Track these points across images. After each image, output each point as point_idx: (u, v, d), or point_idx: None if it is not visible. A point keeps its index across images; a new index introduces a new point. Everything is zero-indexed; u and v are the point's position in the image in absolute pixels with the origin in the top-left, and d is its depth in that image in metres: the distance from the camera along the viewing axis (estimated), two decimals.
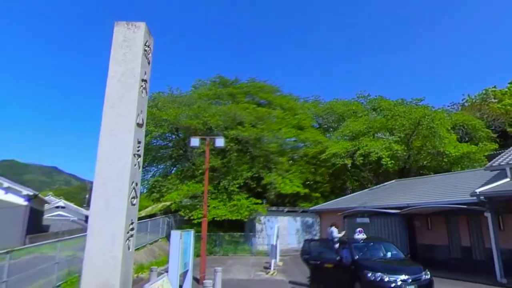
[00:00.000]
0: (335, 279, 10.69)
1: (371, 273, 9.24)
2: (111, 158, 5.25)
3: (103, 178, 5.17)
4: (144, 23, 5.96)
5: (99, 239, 4.94)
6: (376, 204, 18.26)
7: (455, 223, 15.55)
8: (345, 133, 28.29)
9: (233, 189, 24.33)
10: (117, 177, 5.18)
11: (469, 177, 17.83)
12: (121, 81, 5.59)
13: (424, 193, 17.60)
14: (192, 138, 14.15)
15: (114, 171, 5.20)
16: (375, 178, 29.54)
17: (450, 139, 25.06)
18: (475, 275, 12.78)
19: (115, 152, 5.28)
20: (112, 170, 5.21)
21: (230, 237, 24.67)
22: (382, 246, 11.32)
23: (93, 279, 4.79)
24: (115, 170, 5.21)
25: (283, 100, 34.28)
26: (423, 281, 9.03)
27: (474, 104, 50.99)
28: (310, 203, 28.26)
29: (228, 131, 25.35)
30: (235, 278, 13.51)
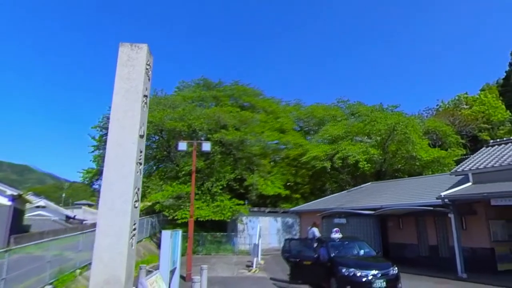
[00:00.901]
0: (313, 275, 11.62)
1: (345, 269, 10.20)
2: (117, 165, 5.90)
3: (109, 183, 5.82)
4: (146, 44, 6.63)
5: (106, 237, 5.58)
6: (352, 206, 19.34)
7: (423, 224, 16.81)
8: (325, 137, 29.48)
9: (216, 190, 25.00)
10: (122, 183, 5.84)
11: (438, 180, 19.13)
12: (126, 97, 6.25)
13: (397, 195, 18.82)
14: (180, 142, 14.80)
15: (120, 177, 5.86)
16: (353, 180, 30.82)
17: (422, 144, 26.64)
18: (440, 271, 13.97)
19: (120, 161, 5.93)
20: (117, 176, 5.86)
21: (213, 237, 25.30)
22: (356, 244, 12.33)
23: (102, 272, 5.44)
24: (120, 176, 5.86)
25: (266, 104, 35.19)
26: (391, 275, 10.06)
27: (447, 110, 53.51)
28: (291, 204, 29.27)
29: (212, 134, 26.00)
30: (219, 276, 14.24)
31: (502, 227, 14.75)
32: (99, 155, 28.99)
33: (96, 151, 28.95)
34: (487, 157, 15.92)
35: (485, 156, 16.24)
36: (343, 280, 10.10)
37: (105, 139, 28.62)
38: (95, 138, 28.78)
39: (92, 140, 28.91)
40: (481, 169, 14.76)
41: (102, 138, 28.14)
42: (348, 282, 9.99)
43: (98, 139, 28.50)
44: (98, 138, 28.52)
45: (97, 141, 28.71)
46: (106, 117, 27.42)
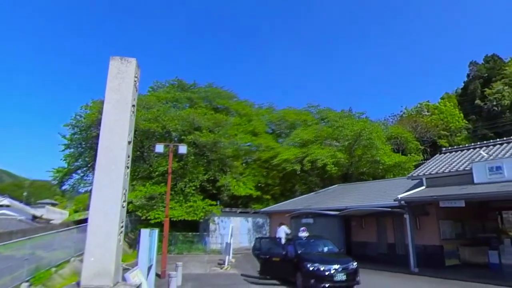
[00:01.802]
0: (281, 270, 12.60)
1: (310, 264, 11.21)
2: (107, 169, 6.55)
3: (100, 185, 6.46)
4: (135, 59, 7.29)
5: (97, 235, 6.22)
6: (319, 206, 20.54)
7: (383, 224, 18.26)
8: (296, 140, 30.73)
9: (190, 191, 25.48)
10: (112, 185, 6.49)
11: (397, 184, 20.69)
12: (116, 106, 6.89)
13: (360, 197, 20.21)
14: (157, 144, 15.32)
15: (110, 180, 6.50)
16: (321, 182, 32.24)
17: (385, 149, 28.49)
18: (396, 267, 15.36)
19: (110, 165, 6.58)
20: (108, 179, 6.51)
21: (184, 236, 25.76)
22: (321, 242, 13.41)
23: (93, 266, 6.08)
24: (110, 179, 6.51)
25: (239, 106, 35.98)
26: (351, 269, 11.18)
27: (410, 116, 56.67)
28: (262, 205, 30.24)
29: (186, 135, 26.44)
30: (193, 273, 14.90)
31: (450, 227, 16.43)
32: (70, 154, 28.63)
33: (67, 150, 28.53)
34: (440, 163, 17.58)
35: (438, 162, 17.91)
36: (308, 274, 11.10)
37: (76, 137, 28.36)
38: (65, 136, 28.38)
39: (62, 138, 28.47)
40: (434, 174, 16.34)
41: (73, 137, 27.81)
42: (313, 275, 11.00)
43: (69, 137, 28.12)
44: (69, 137, 28.13)
45: (68, 140, 28.30)
46: (78, 115, 27.19)
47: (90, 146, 28.74)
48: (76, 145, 28.84)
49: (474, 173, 14.25)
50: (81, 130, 27.22)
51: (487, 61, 61.97)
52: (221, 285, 12.56)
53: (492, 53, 61.54)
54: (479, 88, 57.42)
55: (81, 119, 26.71)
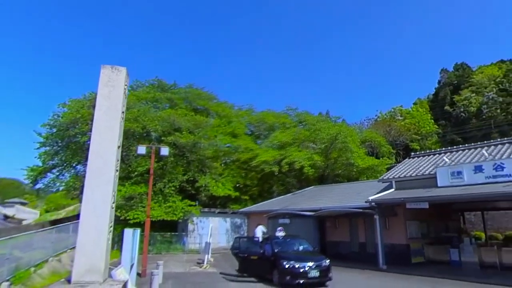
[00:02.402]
0: (259, 268, 13.25)
1: (286, 262, 11.90)
2: (98, 172, 6.95)
3: (92, 187, 6.86)
4: (125, 68, 7.71)
5: (88, 234, 6.63)
6: (296, 207, 21.33)
7: (355, 224, 19.23)
8: (274, 142, 31.52)
9: (169, 191, 25.72)
10: (103, 188, 6.91)
11: (369, 186, 21.75)
12: (107, 113, 7.30)
13: (335, 198, 21.15)
14: (139, 146, 15.61)
15: (100, 183, 6.91)
16: (298, 183, 33.16)
17: (359, 153, 29.74)
18: (366, 264, 16.30)
19: (101, 169, 6.99)
20: (98, 181, 6.92)
21: (162, 237, 25.97)
22: (296, 241, 14.16)
23: (84, 263, 6.48)
24: (101, 182, 6.92)
25: (219, 108, 36.42)
26: (323, 266, 11.96)
27: (384, 120, 58.77)
28: (240, 205, 30.81)
29: (166, 136, 26.65)
30: (172, 272, 15.29)
31: (416, 227, 17.58)
32: (45, 152, 28.21)
33: (42, 148, 28.09)
34: (408, 167, 18.74)
35: (406, 166, 19.07)
36: (284, 271, 11.79)
37: (52, 136, 27.96)
38: (41, 134, 27.91)
39: (38, 136, 28.01)
40: (402, 177, 17.45)
41: (50, 136, 27.44)
42: (288, 272, 11.70)
43: (45, 136, 27.70)
44: (45, 135, 27.71)
45: (44, 138, 27.88)
46: (56, 114, 26.87)
47: (66, 145, 28.46)
48: (52, 143, 28.47)
49: (438, 177, 15.37)
50: (59, 129, 26.91)
51: (456, 69, 65.05)
52: (201, 283, 13.04)
53: (462, 62, 64.70)
54: (449, 94, 60.24)
55: (59, 118, 26.42)
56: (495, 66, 56.71)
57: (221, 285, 12.60)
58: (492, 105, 51.59)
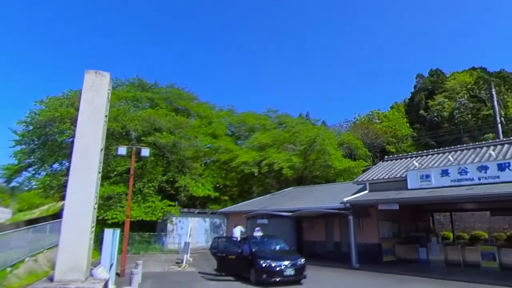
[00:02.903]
0: (237, 267, 13.67)
1: (263, 261, 12.36)
2: (81, 174, 7.19)
3: (75, 189, 7.09)
4: (109, 73, 7.96)
5: (71, 233, 6.86)
6: (274, 208, 21.84)
7: (331, 224, 19.91)
8: (254, 144, 31.97)
9: (148, 191, 25.72)
10: (86, 189, 7.15)
11: (345, 187, 22.50)
12: (90, 117, 7.53)
13: (312, 199, 21.78)
14: (120, 147, 15.72)
15: (83, 184, 7.15)
16: (278, 184, 33.74)
17: (337, 155, 30.62)
18: (340, 263, 16.97)
19: (84, 170, 7.22)
20: (82, 183, 7.15)
21: (141, 236, 25.96)
22: (273, 241, 14.65)
23: (67, 262, 6.71)
24: (84, 184, 7.16)
25: (200, 108, 36.55)
26: (299, 265, 12.50)
27: (363, 123, 60.33)
28: (219, 205, 31.09)
29: (146, 136, 26.62)
30: (151, 271, 15.46)
31: (388, 227, 18.43)
32: (21, 151, 27.64)
33: (18, 146, 27.50)
34: (382, 170, 19.58)
35: (380, 169, 19.92)
36: (261, 270, 12.25)
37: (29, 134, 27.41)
38: (17, 132, 27.32)
39: (13, 134, 27.39)
40: (375, 180, 18.25)
41: (26, 134, 26.92)
42: (265, 271, 12.17)
43: (21, 133, 27.13)
44: (21, 133, 27.14)
45: (19, 136, 27.29)
46: (33, 112, 26.38)
47: (43, 143, 27.97)
48: (28, 141, 27.92)
49: (408, 180, 16.21)
50: (35, 127, 26.44)
51: (431, 74, 67.44)
52: (180, 282, 13.31)
53: (436, 68, 67.11)
54: (424, 99, 62.31)
55: (36, 116, 25.96)
56: (467, 73, 59.09)
57: (199, 284, 12.92)
58: (464, 111, 53.77)
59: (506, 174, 13.32)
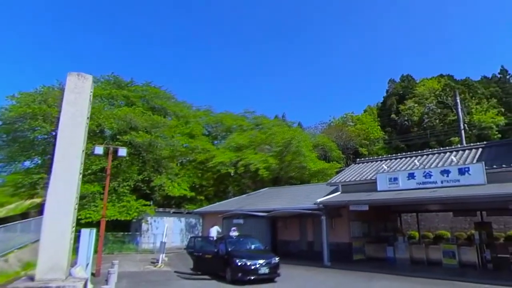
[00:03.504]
0: (213, 266, 13.98)
1: (238, 259, 12.75)
2: (62, 175, 7.30)
3: (56, 189, 7.18)
4: (91, 75, 8.10)
5: (52, 233, 6.96)
6: (250, 208, 22.25)
7: (304, 224, 20.56)
8: (231, 144, 32.29)
9: (123, 191, 25.50)
10: (67, 190, 7.26)
11: (319, 188, 23.18)
12: (72, 118, 7.64)
13: (287, 200, 22.36)
14: (96, 146, 15.61)
15: (65, 185, 7.26)
16: (253, 184, 34.20)
17: (311, 157, 31.48)
18: (313, 261, 17.61)
19: (66, 171, 7.33)
20: (63, 184, 7.26)
21: (114, 236, 25.67)
22: (249, 241, 15.06)
23: (47, 262, 6.81)
24: (65, 185, 7.27)
25: (177, 108, 36.44)
26: (273, 263, 12.98)
27: (337, 125, 61.89)
28: (195, 205, 31.19)
29: (121, 135, 26.36)
30: (127, 271, 15.49)
31: (359, 227, 19.26)
32: None
33: None
34: (353, 172, 20.43)
35: (352, 171, 20.77)
36: (237, 268, 12.63)
37: None
38: None
39: None
40: (347, 182, 19.04)
41: None
42: (240, 270, 12.56)
43: None
44: None
45: None
46: (3, 108, 25.54)
47: (13, 140, 27.10)
48: None
49: (378, 182, 17.06)
50: (5, 123, 25.59)
51: (402, 80, 70.02)
52: (156, 281, 13.47)
53: (407, 74, 69.78)
54: (395, 103, 64.61)
55: (6, 112, 25.13)
56: (435, 79, 61.81)
57: (176, 283, 13.13)
58: (432, 116, 56.25)
59: (465, 178, 14.35)
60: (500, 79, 57.51)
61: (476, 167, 14.32)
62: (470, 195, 13.27)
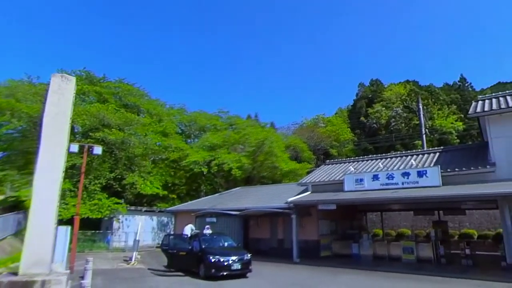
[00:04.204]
0: (187, 263, 14.44)
1: (212, 256, 13.27)
2: (46, 174, 7.54)
3: (40, 187, 7.42)
4: (74, 77, 8.36)
5: (36, 229, 7.20)
6: (222, 207, 22.75)
7: (275, 222, 21.34)
8: (205, 144, 32.60)
9: (95, 188, 25.24)
10: (50, 188, 7.52)
11: (290, 188, 24.00)
12: (55, 118, 7.88)
13: (259, 199, 23.04)
14: (72, 144, 15.53)
15: (48, 184, 7.51)
16: (226, 183, 34.67)
17: (283, 157, 32.38)
18: (283, 258, 18.38)
19: (49, 170, 7.57)
20: (47, 182, 7.50)
21: (84, 235, 25.35)
22: (222, 238, 15.63)
23: (32, 256, 7.05)
24: (49, 183, 7.51)
25: (151, 106, 36.24)
26: (245, 260, 13.61)
27: (309, 126, 63.41)
28: (167, 204, 31.26)
29: (94, 132, 26.05)
30: (100, 268, 15.57)
31: (327, 225, 20.30)
32: None
33: None
34: (323, 173, 21.44)
35: (321, 172, 21.78)
36: (210, 265, 13.15)
37: None
38: None
39: None
40: (317, 182, 19.99)
41: None
42: (214, 266, 13.09)
43: None
44: None
45: None
46: None
47: None
48: None
49: (345, 183, 18.09)
50: None
51: (372, 84, 72.64)
52: (131, 278, 13.72)
53: (376, 78, 72.50)
54: (364, 106, 66.99)
55: None
56: (402, 85, 64.74)
57: (150, 279, 13.45)
58: (398, 120, 58.87)
59: (423, 180, 15.62)
60: (460, 86, 61.08)
61: (432, 170, 15.61)
62: (426, 196, 14.48)
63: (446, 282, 12.00)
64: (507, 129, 14.47)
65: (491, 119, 15.03)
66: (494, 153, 14.63)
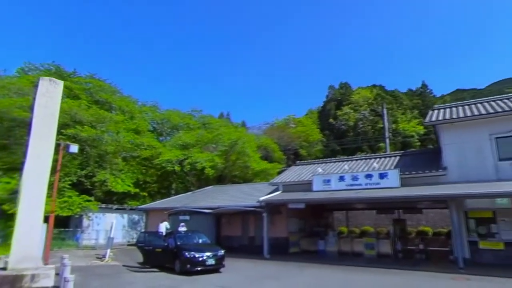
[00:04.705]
0: (162, 259, 14.97)
1: (187, 252, 13.88)
2: (35, 172, 7.94)
3: (29, 184, 7.82)
4: (62, 82, 8.75)
5: (24, 226, 7.60)
6: (195, 205, 23.28)
7: (247, 220, 22.18)
8: (178, 142, 32.85)
9: (64, 186, 24.93)
10: (39, 185, 7.93)
11: (262, 187, 24.93)
12: (44, 120, 8.27)
13: (231, 197, 23.78)
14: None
15: (37, 181, 7.92)
16: (198, 182, 35.08)
17: (255, 157, 33.27)
18: (254, 254, 19.25)
19: (38, 168, 7.99)
20: (35, 179, 7.91)
21: (52, 233, 24.96)
22: (196, 235, 16.23)
23: (20, 251, 7.46)
24: (37, 181, 7.93)
25: (123, 103, 35.93)
26: (219, 255, 14.34)
27: (280, 126, 64.68)
28: (138, 201, 31.27)
29: (65, 129, 25.67)
30: (74, 265, 15.59)
31: (296, 223, 21.39)
32: None
33: None
34: (293, 173, 22.51)
35: (292, 172, 22.85)
36: (185, 260, 13.75)
37: None
38: None
39: None
40: (287, 182, 21.02)
41: None
42: (189, 261, 13.70)
43: None
44: None
45: None
46: None
47: None
48: None
49: (314, 183, 19.21)
50: None
51: (341, 87, 75.13)
52: (107, 274, 14.04)
53: (345, 81, 75.11)
54: (333, 109, 69.26)
55: None
56: (369, 89, 67.62)
57: (126, 275, 13.84)
58: (365, 122, 61.45)
59: (385, 182, 17.00)
60: (422, 92, 64.65)
61: (393, 172, 17.04)
62: (386, 196, 15.85)
63: (399, 273, 13.35)
64: (458, 136, 16.11)
65: (444, 127, 16.65)
66: (446, 158, 16.24)
